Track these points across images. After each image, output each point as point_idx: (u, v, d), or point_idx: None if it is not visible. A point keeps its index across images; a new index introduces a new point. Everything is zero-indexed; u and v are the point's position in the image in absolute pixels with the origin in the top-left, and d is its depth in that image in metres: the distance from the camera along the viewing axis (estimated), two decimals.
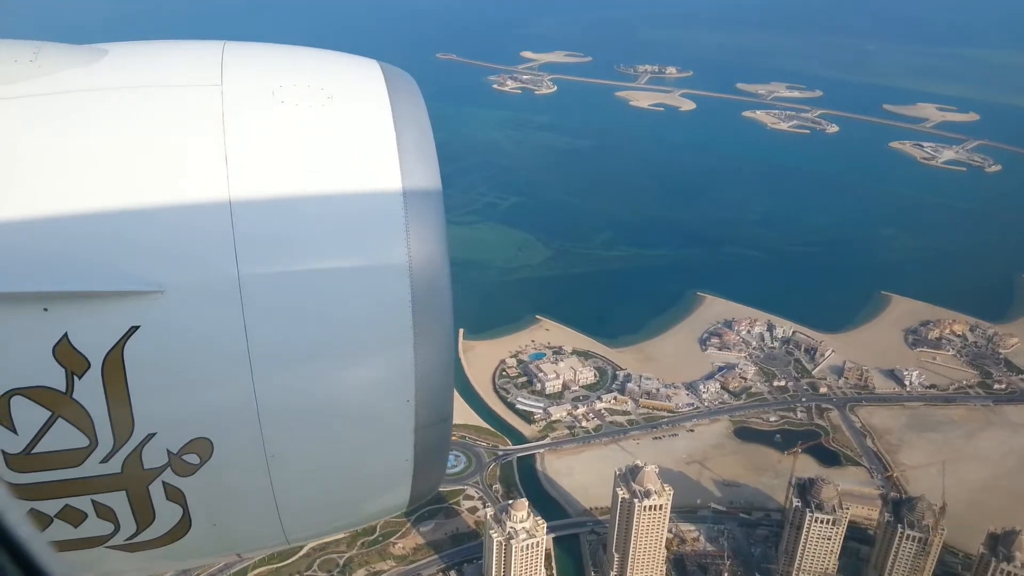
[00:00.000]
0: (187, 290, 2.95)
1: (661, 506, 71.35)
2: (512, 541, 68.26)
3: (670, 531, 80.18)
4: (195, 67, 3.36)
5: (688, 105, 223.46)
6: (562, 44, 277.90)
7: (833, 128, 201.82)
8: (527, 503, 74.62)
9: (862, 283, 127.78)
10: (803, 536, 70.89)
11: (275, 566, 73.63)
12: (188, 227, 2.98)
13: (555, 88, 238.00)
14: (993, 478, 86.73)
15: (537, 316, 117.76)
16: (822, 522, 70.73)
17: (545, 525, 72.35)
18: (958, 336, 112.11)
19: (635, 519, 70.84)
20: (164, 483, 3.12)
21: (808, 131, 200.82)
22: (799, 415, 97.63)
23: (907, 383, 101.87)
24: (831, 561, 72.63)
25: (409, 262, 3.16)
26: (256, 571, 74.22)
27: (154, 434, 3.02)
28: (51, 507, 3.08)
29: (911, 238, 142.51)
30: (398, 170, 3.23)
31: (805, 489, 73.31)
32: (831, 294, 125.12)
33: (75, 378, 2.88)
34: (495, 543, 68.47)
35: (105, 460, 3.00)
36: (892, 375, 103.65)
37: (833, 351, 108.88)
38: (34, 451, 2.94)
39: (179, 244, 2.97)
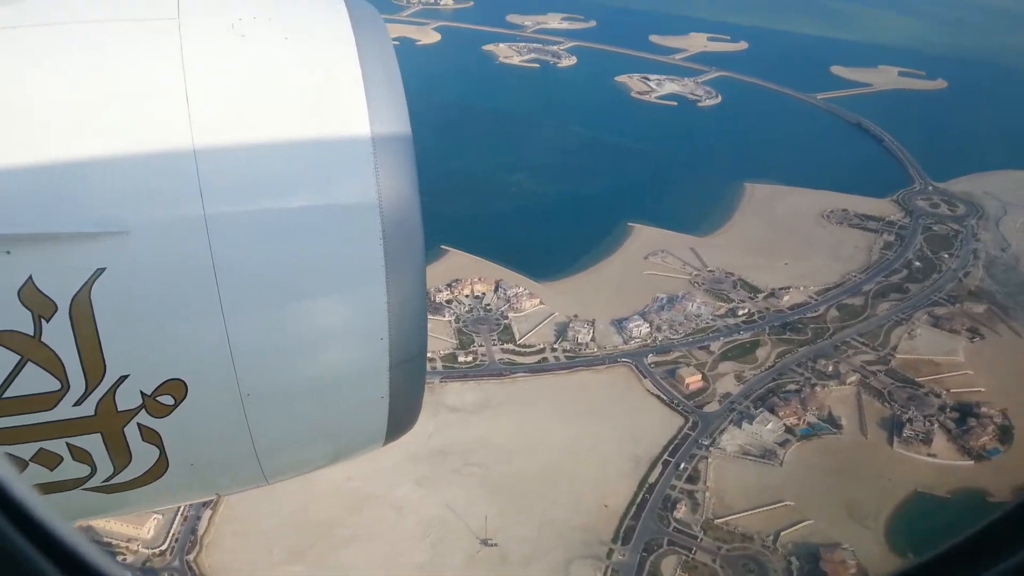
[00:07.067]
0: (153, 231, 2.98)
1: None
2: None
3: None
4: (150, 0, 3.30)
5: (431, 38, 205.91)
6: None
7: (570, 61, 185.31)
8: None
9: (431, 238, 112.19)
10: None
11: None
12: (151, 167, 2.99)
13: None
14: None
15: None
16: None
17: None
18: (476, 297, 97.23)
19: None
20: (139, 425, 3.19)
21: (538, 65, 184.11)
22: None
23: None
24: None
25: (379, 198, 3.21)
26: None
27: (127, 376, 3.08)
28: (25, 451, 3.14)
29: (537, 183, 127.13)
30: (364, 105, 3.28)
31: None
32: None
33: (43, 321, 2.92)
34: None
35: (78, 403, 3.07)
36: None
37: None
38: (4, 395, 2.99)
39: (143, 184, 2.98)
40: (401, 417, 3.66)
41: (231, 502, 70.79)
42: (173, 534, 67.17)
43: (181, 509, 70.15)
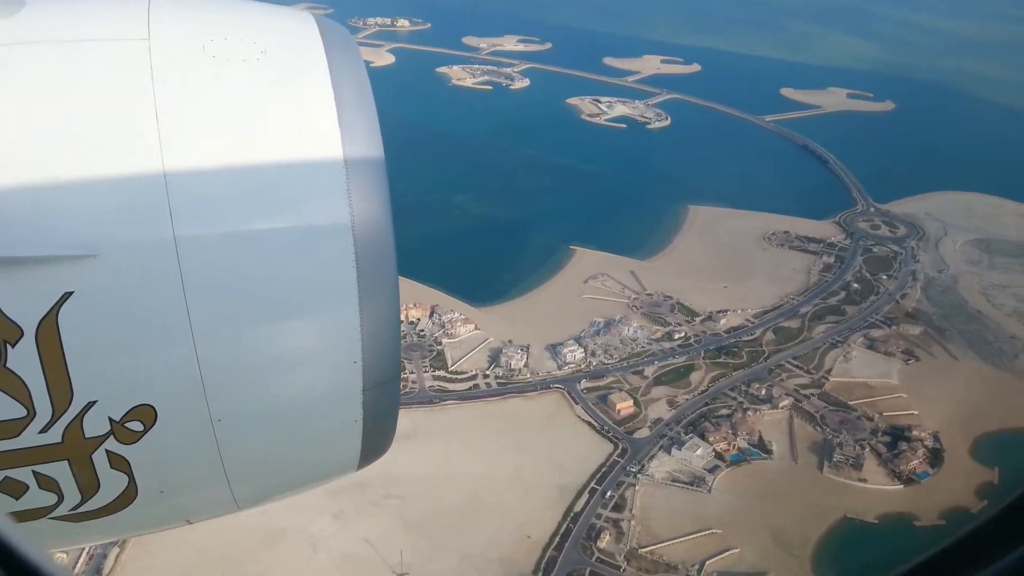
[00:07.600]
0: (122, 254, 2.93)
1: None
2: None
3: None
4: (120, 20, 3.24)
5: (386, 60, 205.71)
6: None
7: (523, 83, 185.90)
8: None
9: None
10: None
11: None
12: (120, 189, 2.94)
13: None
14: None
15: None
16: None
17: None
18: (410, 323, 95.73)
19: None
20: (107, 451, 3.13)
21: (491, 87, 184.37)
22: None
23: None
24: None
25: (351, 220, 3.19)
26: None
27: (94, 402, 3.03)
28: None
29: (481, 206, 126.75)
30: (337, 127, 3.24)
31: None
32: None
33: (8, 347, 2.87)
34: None
35: (44, 430, 3.01)
36: None
37: None
38: None
39: (112, 206, 2.94)
40: (375, 441, 3.61)
41: (137, 539, 68.29)
42: (78, 573, 64.52)
43: (87, 547, 67.59)
